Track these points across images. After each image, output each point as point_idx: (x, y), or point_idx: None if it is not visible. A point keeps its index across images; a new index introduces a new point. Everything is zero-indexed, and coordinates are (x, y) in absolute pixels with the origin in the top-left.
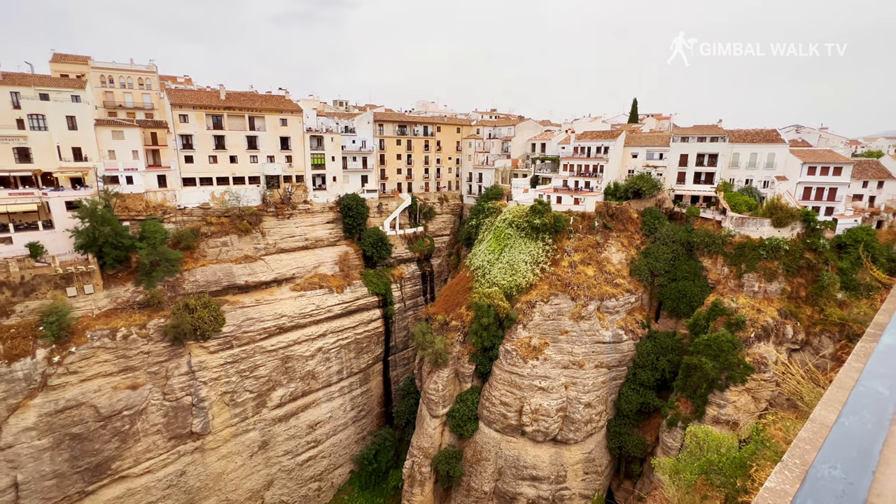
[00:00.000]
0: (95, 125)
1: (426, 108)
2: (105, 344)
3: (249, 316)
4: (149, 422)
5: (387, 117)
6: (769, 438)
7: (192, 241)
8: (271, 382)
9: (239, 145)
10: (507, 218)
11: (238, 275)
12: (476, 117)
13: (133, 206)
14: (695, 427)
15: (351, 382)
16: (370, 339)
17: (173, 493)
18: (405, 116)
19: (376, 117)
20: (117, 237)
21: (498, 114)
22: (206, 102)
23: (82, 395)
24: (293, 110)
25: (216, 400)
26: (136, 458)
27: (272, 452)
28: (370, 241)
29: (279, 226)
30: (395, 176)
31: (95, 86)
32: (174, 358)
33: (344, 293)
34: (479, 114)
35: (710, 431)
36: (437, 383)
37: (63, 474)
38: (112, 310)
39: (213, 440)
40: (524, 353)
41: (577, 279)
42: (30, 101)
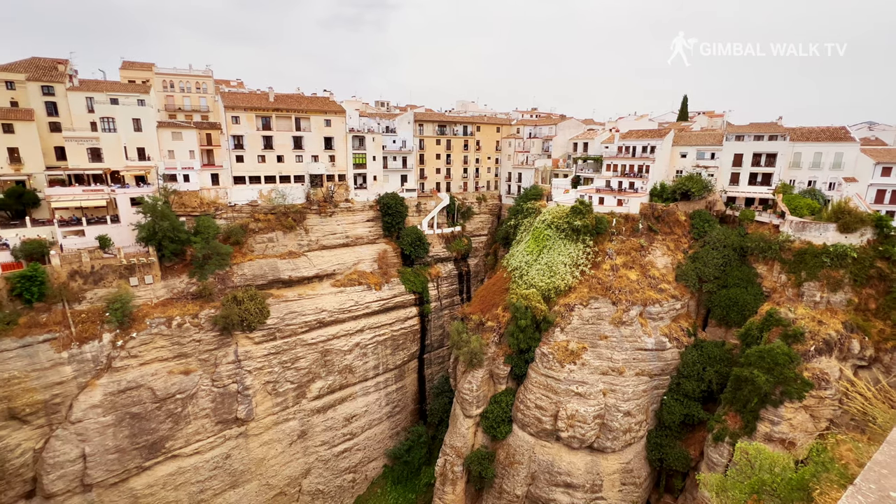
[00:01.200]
0: (157, 127)
1: (466, 108)
2: (162, 331)
3: (292, 309)
4: (198, 406)
5: (427, 117)
6: (836, 460)
7: (241, 236)
8: (311, 374)
9: (286, 145)
10: (547, 219)
11: (282, 270)
12: (516, 116)
13: (189, 202)
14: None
15: (387, 378)
16: (406, 337)
17: (219, 474)
18: (445, 116)
19: (416, 117)
20: (174, 232)
21: (539, 113)
22: (257, 104)
23: (141, 377)
24: (337, 111)
25: (259, 389)
26: (186, 440)
27: (310, 442)
28: (408, 239)
29: (322, 223)
30: (434, 175)
31: (158, 90)
32: (222, 347)
33: (382, 290)
34: (519, 113)
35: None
36: (471, 383)
37: (124, 449)
38: (168, 299)
39: (256, 427)
40: (561, 357)
41: (618, 283)
42: (102, 106)
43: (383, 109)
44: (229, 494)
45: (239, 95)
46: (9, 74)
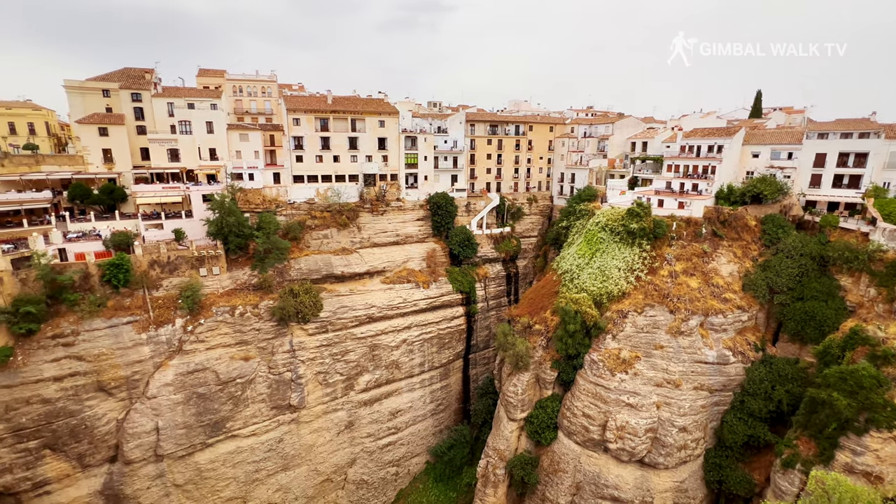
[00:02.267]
0: (227, 129)
1: (518, 107)
2: (226, 319)
3: (343, 304)
4: (256, 391)
5: (478, 117)
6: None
7: (298, 232)
8: (359, 368)
9: (342, 146)
10: (601, 221)
11: (335, 265)
12: (571, 115)
13: (253, 199)
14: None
15: (432, 376)
16: (452, 336)
17: (272, 456)
18: (496, 116)
19: (468, 117)
20: (239, 227)
21: (595, 111)
22: (316, 107)
23: (207, 361)
24: (390, 112)
25: (311, 378)
26: (244, 422)
27: (356, 433)
28: (457, 239)
29: (373, 221)
30: (485, 175)
31: (228, 95)
32: (279, 337)
33: (429, 289)
34: (573, 111)
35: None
36: (516, 386)
37: (190, 426)
38: (232, 290)
39: (307, 414)
40: (612, 366)
41: (677, 290)
42: (180, 110)
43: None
44: (281, 476)
45: (300, 98)
46: (105, 83)
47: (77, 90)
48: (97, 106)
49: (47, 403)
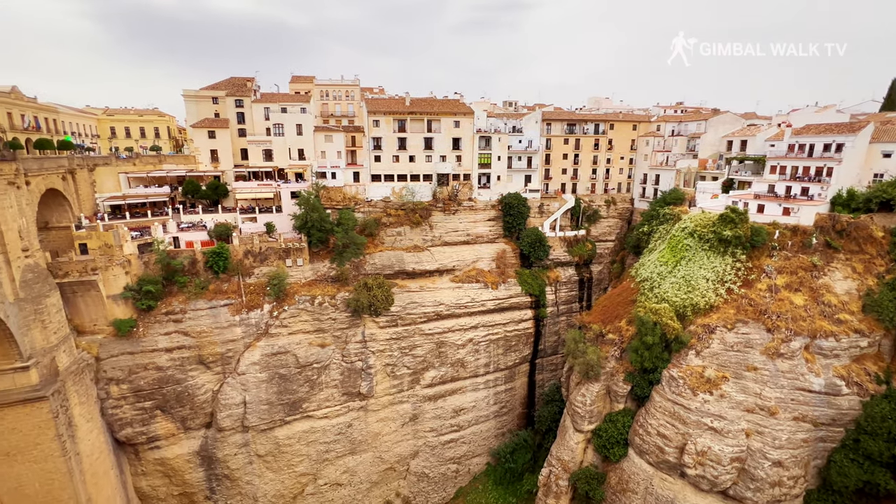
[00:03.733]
0: (314, 131)
1: (598, 105)
2: (306, 307)
3: (413, 300)
4: (330, 376)
5: (555, 116)
6: None
7: (374, 229)
8: (426, 363)
9: (417, 146)
10: (688, 226)
11: (407, 262)
12: (657, 112)
13: (334, 197)
14: None
15: (496, 377)
16: (519, 339)
17: (341, 439)
18: (574, 114)
19: (544, 116)
20: (322, 222)
21: (685, 107)
22: (394, 109)
23: (288, 344)
24: (466, 113)
25: (380, 369)
26: (318, 404)
27: (420, 426)
28: (528, 240)
29: (445, 220)
30: (560, 176)
31: (316, 99)
32: (352, 327)
33: (498, 290)
34: (660, 108)
35: None
36: (584, 396)
37: (272, 403)
38: (313, 280)
39: (375, 403)
40: (694, 384)
41: (777, 307)
42: (275, 114)
43: (511, 109)
44: (348, 459)
45: (379, 101)
46: (214, 92)
47: (192, 98)
48: (208, 112)
49: (160, 371)
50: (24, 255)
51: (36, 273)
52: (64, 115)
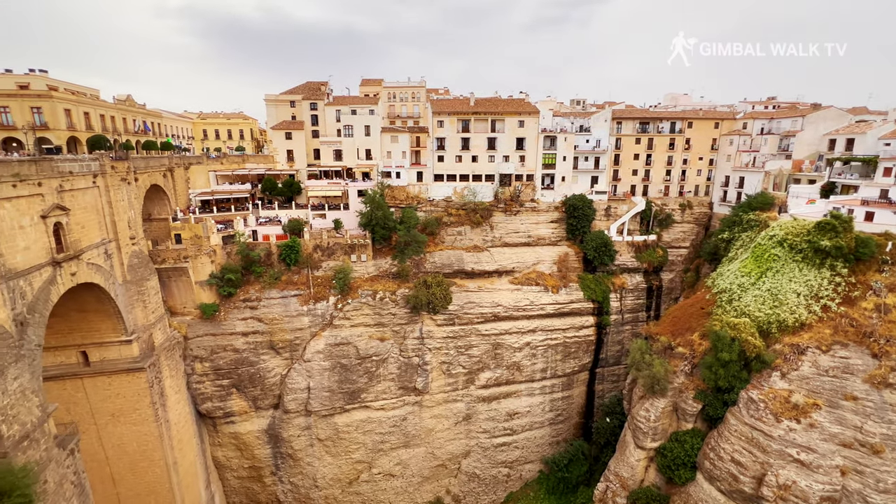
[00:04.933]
0: (381, 132)
1: (675, 102)
2: (368, 301)
3: (471, 300)
4: (387, 370)
5: (626, 114)
6: None
7: (435, 228)
8: (481, 364)
9: (480, 146)
10: (777, 234)
11: (466, 262)
12: (744, 109)
13: (398, 195)
14: None
15: (553, 384)
16: (579, 346)
17: (395, 432)
18: (648, 112)
19: (614, 115)
20: (385, 220)
21: (778, 103)
22: (458, 109)
23: (350, 336)
24: (530, 112)
25: (436, 366)
26: (376, 395)
27: (473, 427)
28: (593, 244)
29: (506, 221)
30: (630, 177)
31: (383, 101)
32: (411, 323)
33: (559, 294)
34: (748, 104)
35: None
36: (648, 412)
37: (333, 391)
38: (375, 276)
39: (429, 400)
40: (777, 409)
41: (886, 329)
42: (345, 116)
43: (578, 108)
44: (401, 452)
45: (444, 102)
46: (292, 96)
47: (273, 102)
48: (285, 115)
49: (237, 352)
50: (131, 242)
51: (140, 259)
52: (166, 119)
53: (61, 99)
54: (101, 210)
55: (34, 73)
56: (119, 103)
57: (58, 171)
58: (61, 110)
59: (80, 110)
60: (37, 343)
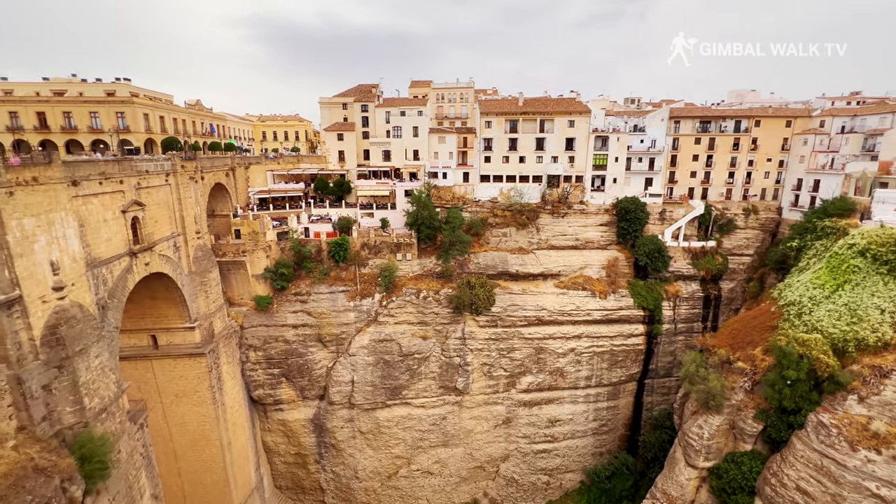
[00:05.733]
0: (429, 133)
1: (741, 99)
2: (412, 300)
3: (515, 302)
4: (429, 368)
5: (685, 112)
6: None
7: (480, 229)
8: (523, 368)
9: (528, 147)
10: (858, 243)
11: (511, 264)
12: (821, 105)
13: (444, 196)
14: None
15: (598, 393)
16: (627, 355)
17: (435, 430)
18: (709, 111)
19: (672, 113)
20: (431, 220)
21: (863, 98)
22: (506, 109)
23: (393, 333)
24: (581, 111)
25: (477, 367)
26: (417, 393)
27: (513, 431)
28: (645, 249)
29: (553, 223)
30: (687, 179)
31: (432, 102)
32: (453, 323)
33: (606, 300)
34: (826, 100)
35: None
36: (702, 429)
37: (376, 386)
38: (420, 275)
39: (469, 401)
40: (853, 437)
41: None
42: (394, 117)
43: (633, 107)
44: (440, 451)
45: (492, 102)
46: (344, 99)
47: (326, 105)
48: (338, 116)
49: (287, 343)
50: (196, 236)
51: (204, 252)
52: (230, 122)
53: (141, 104)
54: (172, 206)
55: (119, 82)
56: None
57: (136, 171)
58: (140, 115)
59: (156, 114)
60: (115, 325)
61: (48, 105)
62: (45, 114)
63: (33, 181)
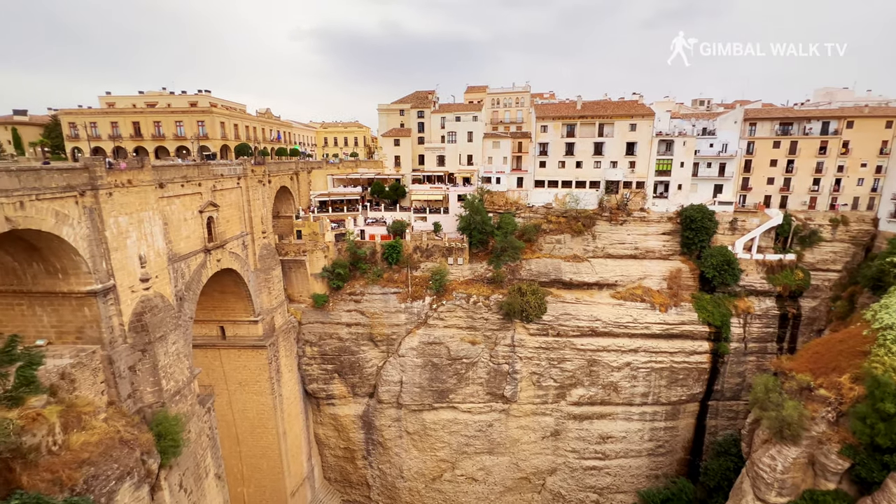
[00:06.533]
0: (483, 138)
1: (830, 98)
2: (462, 304)
3: (567, 311)
4: (476, 373)
5: (763, 114)
6: None
7: (533, 235)
8: (574, 379)
9: (586, 151)
10: None
11: (564, 271)
12: None
13: (497, 201)
14: None
15: (655, 411)
16: (688, 373)
17: (480, 437)
18: (791, 111)
19: (747, 115)
20: (483, 225)
21: None
22: (564, 113)
23: (442, 336)
24: (644, 114)
25: (526, 376)
26: (464, 398)
27: (561, 444)
28: (713, 261)
29: (610, 231)
30: (763, 186)
31: (487, 107)
32: (503, 330)
33: (667, 313)
34: None
35: None
36: (774, 460)
37: (423, 388)
38: (470, 280)
39: (517, 409)
40: None
41: None
42: (449, 123)
43: (702, 109)
44: (485, 458)
45: (549, 106)
46: (401, 105)
47: (384, 111)
48: (395, 122)
49: (340, 341)
50: (262, 236)
51: (268, 250)
52: (295, 129)
53: (218, 114)
54: (242, 207)
55: (200, 94)
56: (260, 116)
57: (213, 174)
58: (218, 123)
59: (231, 123)
60: (189, 315)
61: (142, 116)
62: (139, 123)
63: (128, 183)
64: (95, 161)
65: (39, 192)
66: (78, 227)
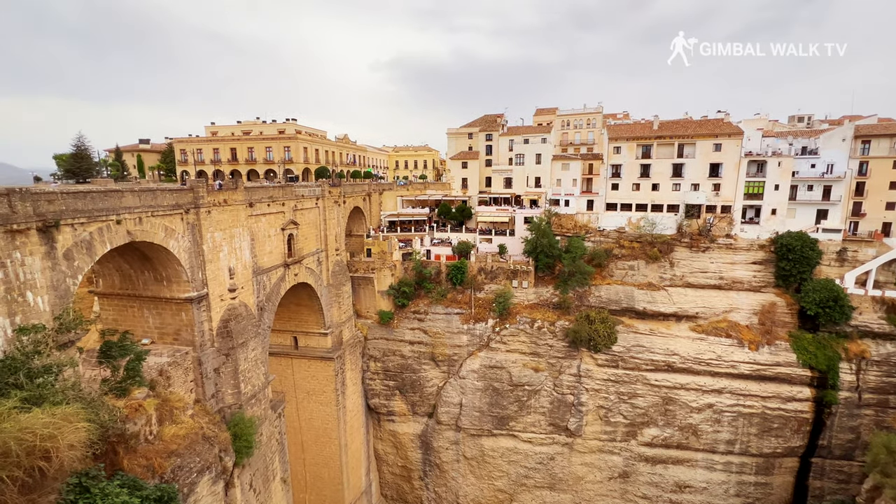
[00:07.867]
0: (552, 160)
1: None
2: (525, 329)
3: (640, 343)
4: (539, 402)
5: (877, 130)
6: None
7: (603, 260)
8: (646, 417)
9: (663, 173)
10: None
11: (638, 300)
12: None
13: (565, 224)
14: None
15: (743, 462)
16: (785, 422)
17: (541, 470)
18: None
19: (859, 131)
20: (550, 248)
21: None
22: (639, 134)
23: (504, 361)
24: (730, 133)
25: (592, 409)
26: (525, 426)
27: (630, 487)
28: (815, 296)
29: (691, 258)
30: (881, 212)
31: (556, 129)
32: (568, 358)
33: (758, 351)
34: None
35: None
36: None
37: (483, 412)
38: (535, 304)
39: (582, 444)
40: None
41: None
42: (518, 145)
43: (801, 126)
44: (545, 493)
45: (622, 127)
46: (470, 129)
47: (453, 135)
48: (463, 146)
49: (403, 358)
50: (335, 253)
51: (340, 267)
52: (369, 153)
53: (302, 140)
54: (319, 226)
55: (288, 122)
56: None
57: (295, 195)
58: (301, 148)
59: (312, 148)
60: (268, 325)
61: (238, 143)
62: (236, 149)
63: (224, 203)
64: (199, 182)
65: (154, 209)
66: (181, 241)
